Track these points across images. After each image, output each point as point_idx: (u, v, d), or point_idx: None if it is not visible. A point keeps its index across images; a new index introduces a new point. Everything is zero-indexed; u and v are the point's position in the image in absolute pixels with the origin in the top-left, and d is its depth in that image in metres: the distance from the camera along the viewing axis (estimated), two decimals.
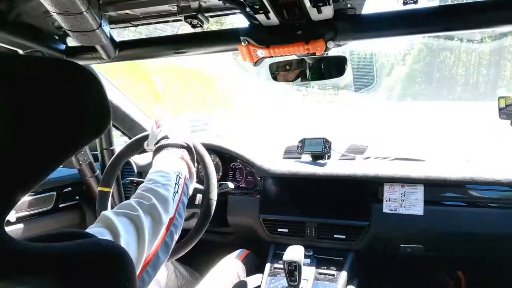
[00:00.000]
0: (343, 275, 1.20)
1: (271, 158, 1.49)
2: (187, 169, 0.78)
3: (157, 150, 0.82)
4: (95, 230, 0.50)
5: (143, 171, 1.52)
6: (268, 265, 1.28)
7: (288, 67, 0.99)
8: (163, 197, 0.62)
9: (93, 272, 0.40)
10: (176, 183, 0.68)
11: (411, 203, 1.25)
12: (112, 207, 1.05)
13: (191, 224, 0.98)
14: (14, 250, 0.36)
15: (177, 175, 0.70)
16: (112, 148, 1.53)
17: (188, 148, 0.83)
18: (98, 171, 1.52)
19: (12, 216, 1.23)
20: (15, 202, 0.37)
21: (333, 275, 1.21)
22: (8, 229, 0.37)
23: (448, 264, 1.52)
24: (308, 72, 0.97)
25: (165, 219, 0.60)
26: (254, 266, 1.33)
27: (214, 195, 0.97)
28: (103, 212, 0.54)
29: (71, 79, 0.39)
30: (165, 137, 0.85)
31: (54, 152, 0.38)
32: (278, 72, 1.01)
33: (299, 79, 1.00)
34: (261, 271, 1.27)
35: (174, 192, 0.66)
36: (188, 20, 0.84)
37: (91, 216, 1.53)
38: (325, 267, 1.24)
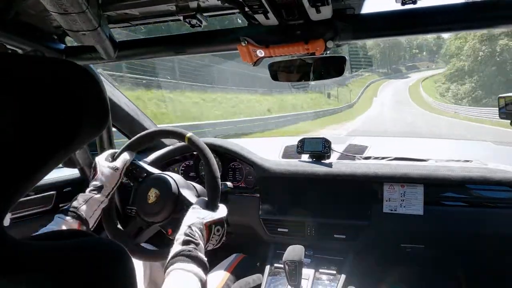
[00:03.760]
0: (343, 274, 1.20)
1: (271, 158, 1.49)
2: None
3: (173, 262, 0.69)
4: None
5: None
6: (268, 265, 1.28)
7: (287, 67, 0.99)
8: None
9: (94, 270, 0.40)
10: None
11: (411, 203, 1.25)
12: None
13: None
14: (15, 248, 0.37)
15: None
16: (112, 148, 1.53)
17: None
18: None
19: (11, 215, 1.23)
20: (14, 201, 0.37)
21: (333, 274, 1.21)
22: (7, 228, 0.37)
23: (448, 264, 1.52)
24: (307, 72, 0.97)
25: None
26: (248, 270, 1.31)
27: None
28: None
29: (70, 79, 0.39)
30: (190, 240, 0.74)
31: (52, 151, 0.38)
32: (278, 71, 1.01)
33: (299, 78, 1.00)
34: (259, 272, 1.27)
35: None
36: (187, 20, 0.83)
37: None
38: (325, 267, 1.24)
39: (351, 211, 1.31)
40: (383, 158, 1.43)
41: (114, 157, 1.02)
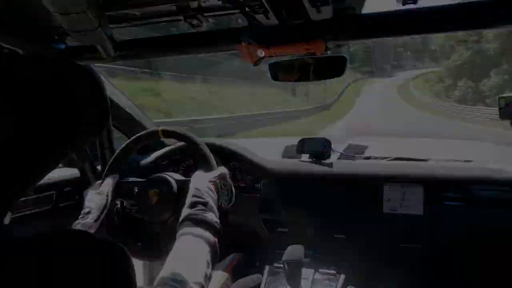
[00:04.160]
0: (343, 274, 1.20)
1: (271, 158, 1.49)
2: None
3: (184, 224, 0.70)
4: None
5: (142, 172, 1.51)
6: (267, 265, 1.28)
7: (288, 67, 0.99)
8: None
9: (93, 270, 0.40)
10: None
11: (411, 203, 1.25)
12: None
13: None
14: (14, 248, 0.37)
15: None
16: (112, 148, 1.53)
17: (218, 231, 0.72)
18: (99, 171, 1.51)
19: (11, 215, 1.23)
20: (15, 201, 0.37)
21: (333, 274, 1.21)
22: (7, 228, 0.38)
23: (448, 264, 1.52)
24: (307, 72, 0.97)
25: None
26: (248, 270, 1.31)
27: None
28: None
29: (71, 79, 0.39)
30: (198, 201, 0.75)
31: (53, 150, 0.38)
32: (278, 71, 1.01)
33: (300, 79, 1.00)
34: (258, 272, 1.27)
35: None
36: (188, 20, 0.84)
37: None
38: (325, 267, 1.24)
39: (351, 211, 1.31)
40: (383, 158, 1.43)
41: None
